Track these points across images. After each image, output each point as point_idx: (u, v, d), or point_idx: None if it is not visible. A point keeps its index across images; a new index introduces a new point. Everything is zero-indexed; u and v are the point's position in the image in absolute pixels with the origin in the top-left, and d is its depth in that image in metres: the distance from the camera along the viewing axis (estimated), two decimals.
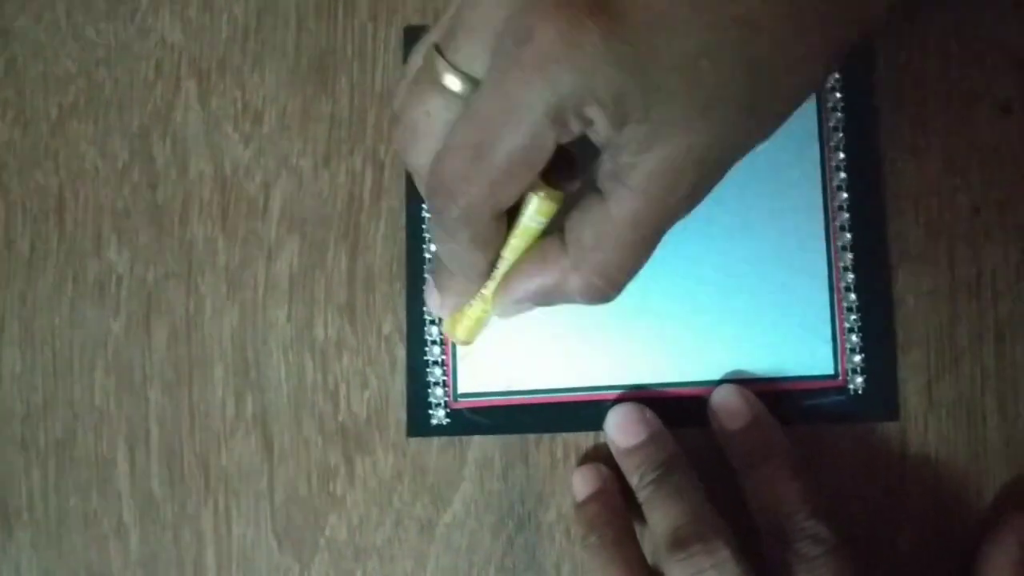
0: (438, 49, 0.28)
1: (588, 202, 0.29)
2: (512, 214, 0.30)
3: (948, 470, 0.41)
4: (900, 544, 0.41)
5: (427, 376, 0.41)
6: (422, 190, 0.30)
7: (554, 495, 0.41)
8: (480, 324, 0.34)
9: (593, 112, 0.26)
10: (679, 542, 0.35)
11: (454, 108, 0.27)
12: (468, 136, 0.27)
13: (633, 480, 0.39)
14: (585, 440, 0.42)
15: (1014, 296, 0.42)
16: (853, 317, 0.42)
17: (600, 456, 0.41)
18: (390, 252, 0.42)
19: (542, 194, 0.29)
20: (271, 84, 0.43)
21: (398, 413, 0.41)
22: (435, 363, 0.41)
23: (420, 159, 0.29)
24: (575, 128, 0.26)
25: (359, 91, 0.43)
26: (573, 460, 0.41)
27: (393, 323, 0.42)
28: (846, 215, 0.42)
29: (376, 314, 0.42)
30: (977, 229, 0.42)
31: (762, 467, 0.38)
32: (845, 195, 0.42)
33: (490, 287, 0.32)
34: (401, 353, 0.42)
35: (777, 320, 0.42)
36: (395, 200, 0.42)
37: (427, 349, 0.41)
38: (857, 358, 0.42)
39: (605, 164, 0.28)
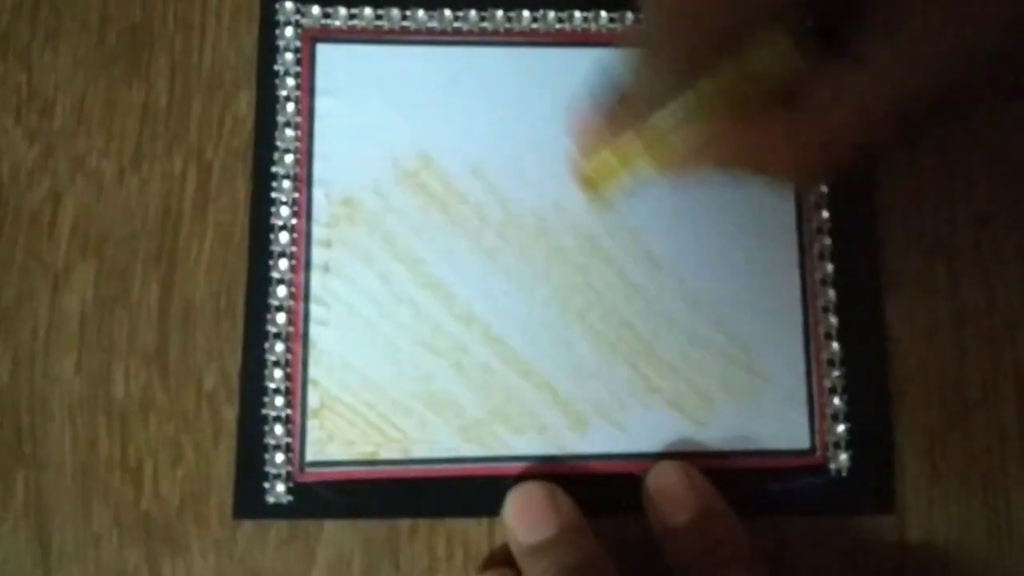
0: None
1: (831, 62, 0.24)
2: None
3: (959, 563, 0.31)
4: None
5: (264, 437, 0.31)
6: None
7: None
8: (628, 169, 0.28)
9: None
10: None
11: None
12: None
13: None
14: (477, 530, 0.31)
15: None
16: (835, 374, 0.32)
17: (504, 557, 0.31)
18: (217, 280, 0.32)
19: (780, 36, 0.24)
20: (66, 66, 0.33)
21: (222, 496, 0.31)
22: (276, 419, 0.31)
23: None
24: None
25: (181, 73, 0.33)
26: (459, 560, 0.31)
27: (218, 375, 0.31)
28: (827, 241, 0.32)
29: (196, 364, 0.31)
30: (984, 246, 0.34)
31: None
32: (825, 214, 0.33)
33: (662, 126, 0.26)
34: (228, 415, 0.31)
35: (736, 375, 0.32)
36: (226, 212, 0.32)
37: (267, 400, 0.31)
38: (840, 428, 0.32)
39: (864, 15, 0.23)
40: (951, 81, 0.23)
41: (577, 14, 0.34)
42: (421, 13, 0.33)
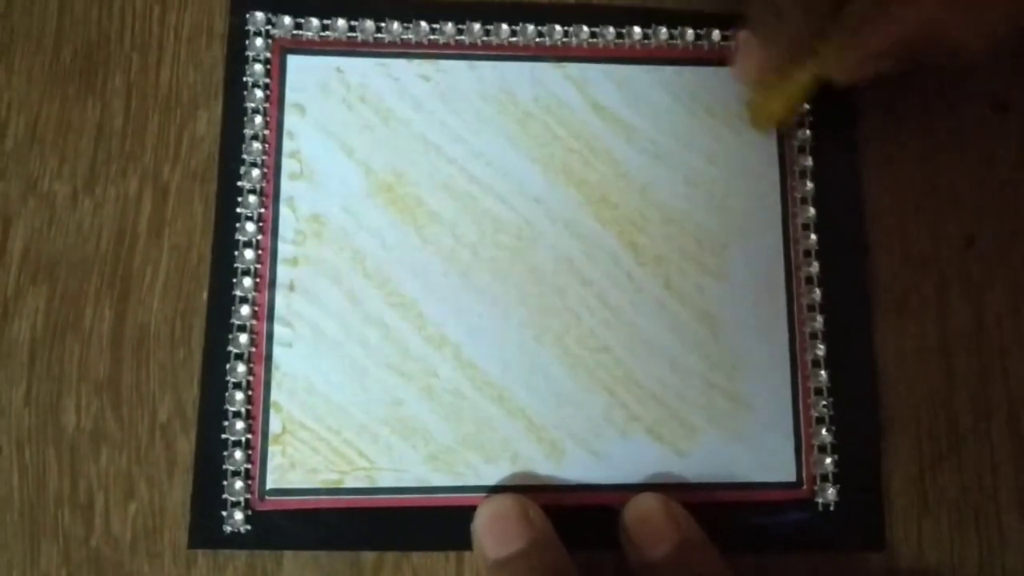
0: None
1: None
2: None
3: None
4: None
5: (223, 463, 0.29)
6: None
7: None
8: (805, 92, 0.30)
9: None
10: None
11: None
12: None
13: None
14: (444, 567, 0.29)
15: None
16: (823, 404, 0.30)
17: None
18: (173, 306, 0.30)
19: None
20: (20, 85, 0.32)
21: (176, 532, 0.29)
22: (236, 444, 0.29)
23: None
24: None
25: (138, 92, 0.32)
26: None
27: (173, 405, 0.30)
28: (814, 265, 0.31)
29: (150, 394, 0.30)
30: (972, 264, 0.33)
31: None
32: (813, 236, 0.31)
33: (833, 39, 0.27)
34: (184, 447, 0.29)
35: (719, 403, 0.31)
36: (183, 236, 0.31)
37: (226, 424, 0.29)
38: (828, 461, 0.30)
39: None
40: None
41: (557, 28, 0.33)
42: (396, 25, 0.32)
